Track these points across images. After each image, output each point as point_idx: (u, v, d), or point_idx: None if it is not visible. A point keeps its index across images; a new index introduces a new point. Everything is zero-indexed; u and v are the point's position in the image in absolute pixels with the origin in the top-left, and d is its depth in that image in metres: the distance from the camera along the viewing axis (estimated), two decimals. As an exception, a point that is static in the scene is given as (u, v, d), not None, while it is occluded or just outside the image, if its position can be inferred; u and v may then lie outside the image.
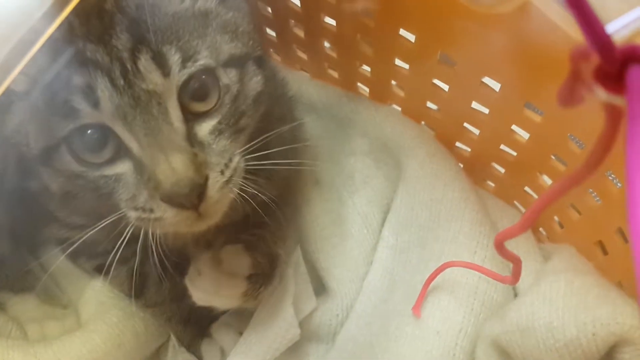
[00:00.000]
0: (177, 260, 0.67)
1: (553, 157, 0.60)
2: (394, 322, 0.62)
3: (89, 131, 0.43)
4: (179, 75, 0.43)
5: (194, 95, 0.45)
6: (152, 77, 0.42)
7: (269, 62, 0.67)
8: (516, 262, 0.47)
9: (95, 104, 0.41)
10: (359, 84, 0.78)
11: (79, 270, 0.74)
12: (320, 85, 0.80)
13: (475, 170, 0.72)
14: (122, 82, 0.41)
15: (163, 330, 0.71)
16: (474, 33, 0.52)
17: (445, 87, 0.65)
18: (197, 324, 0.68)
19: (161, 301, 0.68)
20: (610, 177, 0.55)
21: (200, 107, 0.46)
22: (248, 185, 0.49)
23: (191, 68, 0.44)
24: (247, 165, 0.49)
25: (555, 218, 0.64)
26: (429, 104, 0.70)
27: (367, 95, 0.78)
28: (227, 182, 0.46)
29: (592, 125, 0.48)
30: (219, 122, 0.46)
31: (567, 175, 0.27)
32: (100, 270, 0.68)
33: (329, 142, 0.78)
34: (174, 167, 0.42)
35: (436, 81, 0.65)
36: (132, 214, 0.46)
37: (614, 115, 0.22)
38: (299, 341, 0.66)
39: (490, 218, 0.67)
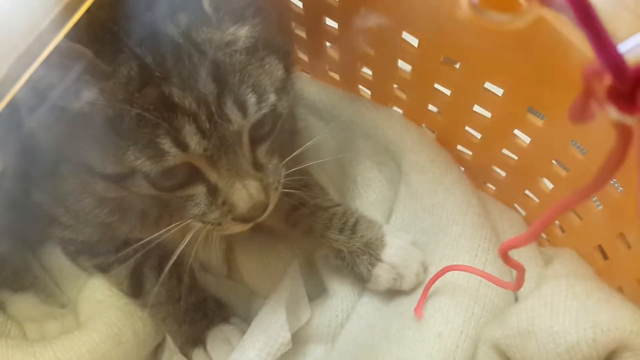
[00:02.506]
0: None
1: (554, 162, 0.60)
2: (395, 324, 0.62)
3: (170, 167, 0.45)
4: (255, 116, 0.46)
5: (257, 126, 0.48)
6: (235, 119, 0.44)
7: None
8: (520, 270, 0.47)
9: (185, 148, 0.43)
10: (360, 87, 0.78)
11: (78, 269, 0.74)
12: (321, 87, 0.80)
13: (475, 173, 0.72)
14: (207, 125, 0.43)
15: (160, 329, 0.71)
16: (480, 43, 0.52)
17: (447, 91, 0.65)
18: (192, 326, 0.69)
19: (158, 302, 0.68)
20: (611, 182, 0.55)
21: (258, 135, 0.48)
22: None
23: (265, 109, 0.46)
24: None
25: (557, 222, 0.64)
26: (430, 107, 0.70)
27: (369, 97, 0.77)
28: (278, 195, 0.52)
29: (595, 131, 0.49)
30: (272, 144, 0.50)
31: (575, 190, 0.27)
32: (100, 268, 0.70)
33: (331, 145, 0.78)
34: (250, 194, 0.47)
35: (438, 85, 0.65)
36: (197, 224, 0.50)
37: (624, 135, 0.22)
38: (296, 342, 0.66)
39: (491, 221, 0.68)
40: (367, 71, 0.74)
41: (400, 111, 0.75)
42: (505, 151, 0.65)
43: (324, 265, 0.70)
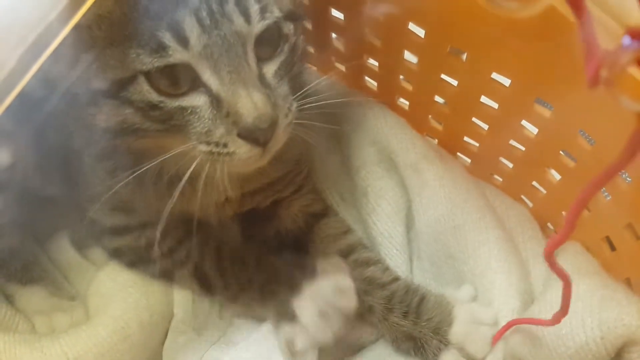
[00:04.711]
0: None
1: (562, 152, 0.59)
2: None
3: (169, 68, 0.45)
4: (259, 25, 0.47)
5: (262, 41, 0.48)
6: (238, 21, 0.45)
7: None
8: (566, 282, 0.44)
9: (185, 42, 0.44)
10: (366, 78, 0.77)
11: (87, 262, 0.75)
12: (329, 86, 0.79)
13: (482, 164, 0.71)
14: (208, 22, 0.44)
15: (166, 315, 0.70)
16: (487, 33, 0.52)
17: (454, 81, 0.64)
18: (274, 297, 0.65)
19: (233, 296, 0.67)
20: (619, 173, 0.55)
21: (264, 52, 0.49)
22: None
23: (269, 19, 0.47)
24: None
25: (563, 214, 0.64)
26: (437, 98, 0.70)
27: (375, 89, 0.77)
28: (289, 124, 0.50)
29: (604, 121, 0.48)
30: (279, 68, 0.50)
31: (595, 177, 0.27)
32: (166, 276, 0.69)
33: (338, 151, 0.77)
34: (255, 102, 0.46)
35: (445, 76, 0.65)
36: (203, 148, 0.48)
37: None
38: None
39: (498, 215, 0.68)
40: (373, 62, 0.74)
41: (407, 102, 0.75)
42: (512, 142, 0.65)
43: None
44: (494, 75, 0.59)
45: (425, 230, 0.69)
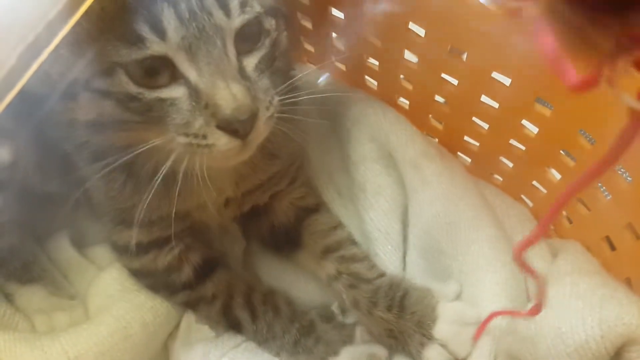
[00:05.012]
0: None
1: (562, 152, 0.59)
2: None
3: (148, 60, 0.45)
4: (238, 19, 0.47)
5: (242, 34, 0.48)
6: (217, 14, 0.45)
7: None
8: (539, 281, 0.45)
9: (162, 34, 0.44)
10: (366, 77, 0.77)
11: (87, 262, 0.75)
12: (328, 83, 0.79)
13: (483, 164, 0.71)
14: (187, 15, 0.44)
15: (171, 316, 0.70)
16: (487, 31, 0.52)
17: (454, 81, 0.64)
18: (309, 356, 0.66)
19: (264, 340, 0.67)
20: (620, 172, 0.55)
21: (244, 46, 0.49)
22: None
23: (249, 14, 0.48)
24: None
25: (564, 213, 0.64)
26: (437, 97, 0.70)
27: (375, 88, 0.77)
28: (270, 117, 0.50)
29: (604, 120, 0.48)
30: (260, 62, 0.50)
31: (579, 176, 0.27)
32: (188, 305, 0.70)
33: (336, 146, 0.77)
34: (234, 94, 0.46)
35: (445, 75, 0.65)
36: (182, 140, 0.48)
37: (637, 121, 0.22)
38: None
39: (497, 214, 0.68)
40: (373, 62, 0.74)
41: (407, 102, 0.75)
42: (512, 141, 0.65)
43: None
44: (494, 75, 0.59)
45: (420, 226, 0.69)
